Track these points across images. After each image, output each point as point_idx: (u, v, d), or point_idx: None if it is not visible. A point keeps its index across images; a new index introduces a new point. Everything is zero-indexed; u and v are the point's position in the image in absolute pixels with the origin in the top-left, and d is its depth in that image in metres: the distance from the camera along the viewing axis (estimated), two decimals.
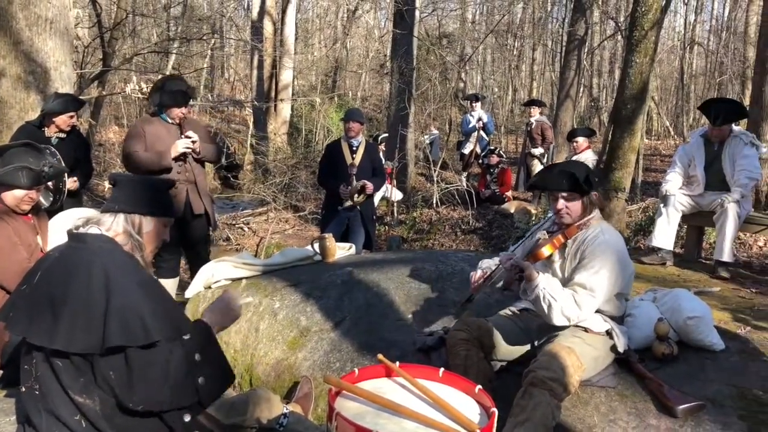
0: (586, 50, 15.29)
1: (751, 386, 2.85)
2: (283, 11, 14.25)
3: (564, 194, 2.90)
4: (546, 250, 2.89)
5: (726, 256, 5.19)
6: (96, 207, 5.38)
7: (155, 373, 1.97)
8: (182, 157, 4.67)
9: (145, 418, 2.00)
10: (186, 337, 2.10)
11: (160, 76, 7.57)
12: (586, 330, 2.84)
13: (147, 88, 6.52)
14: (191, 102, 4.94)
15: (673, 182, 5.51)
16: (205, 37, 13.38)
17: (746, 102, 10.04)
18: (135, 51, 11.19)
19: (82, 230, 2.17)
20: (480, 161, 11.08)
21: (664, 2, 7.07)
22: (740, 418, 2.64)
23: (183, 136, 4.63)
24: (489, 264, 3.16)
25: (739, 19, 19.90)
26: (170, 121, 4.71)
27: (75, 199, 5.04)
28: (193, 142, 4.63)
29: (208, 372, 2.08)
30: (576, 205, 2.90)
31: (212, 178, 11.87)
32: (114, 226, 2.20)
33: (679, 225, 5.72)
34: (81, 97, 6.25)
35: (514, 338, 3.00)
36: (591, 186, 2.88)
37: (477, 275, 3.09)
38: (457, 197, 10.07)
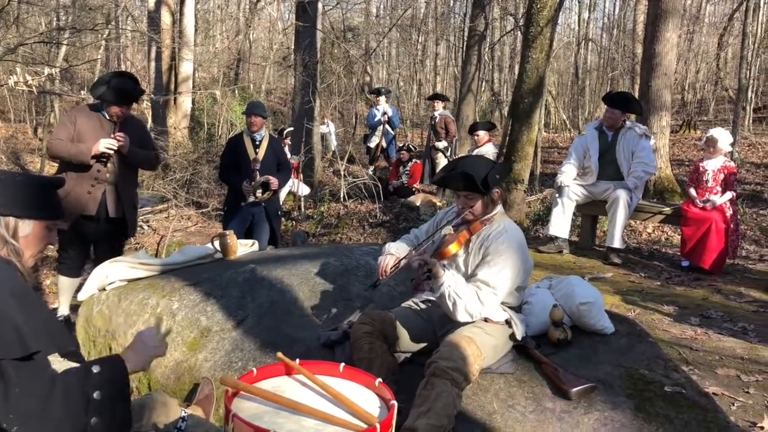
0: (486, 46, 15.68)
1: (638, 366, 3.01)
2: (182, 1, 13.76)
3: (464, 193, 2.95)
4: (452, 248, 2.94)
5: (617, 243, 5.46)
6: None
7: (37, 388, 1.82)
8: (105, 157, 4.43)
9: None
10: (95, 369, 1.97)
11: (46, 70, 7.14)
12: (486, 320, 2.91)
13: (32, 80, 6.12)
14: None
15: (568, 173, 5.73)
16: (98, 28, 12.67)
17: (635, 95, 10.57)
18: (20, 41, 10.49)
19: None
20: (386, 154, 11.14)
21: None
22: (628, 396, 2.78)
23: (112, 136, 4.41)
24: (396, 248, 3.17)
25: (629, 17, 20.98)
26: (108, 117, 4.50)
27: None
28: (119, 143, 4.41)
29: (103, 416, 1.91)
30: (476, 204, 2.95)
31: None
32: None
33: (574, 214, 5.98)
34: None
35: (417, 330, 3.04)
36: (488, 187, 2.91)
37: (386, 261, 3.08)
38: (364, 191, 10.09)
